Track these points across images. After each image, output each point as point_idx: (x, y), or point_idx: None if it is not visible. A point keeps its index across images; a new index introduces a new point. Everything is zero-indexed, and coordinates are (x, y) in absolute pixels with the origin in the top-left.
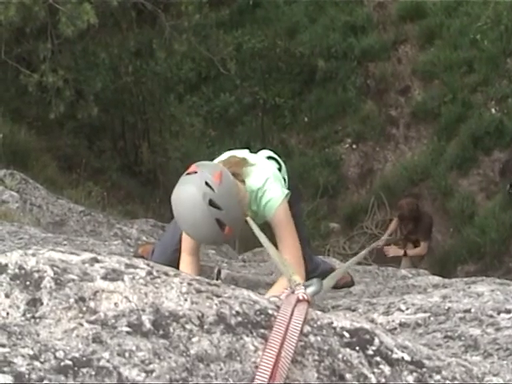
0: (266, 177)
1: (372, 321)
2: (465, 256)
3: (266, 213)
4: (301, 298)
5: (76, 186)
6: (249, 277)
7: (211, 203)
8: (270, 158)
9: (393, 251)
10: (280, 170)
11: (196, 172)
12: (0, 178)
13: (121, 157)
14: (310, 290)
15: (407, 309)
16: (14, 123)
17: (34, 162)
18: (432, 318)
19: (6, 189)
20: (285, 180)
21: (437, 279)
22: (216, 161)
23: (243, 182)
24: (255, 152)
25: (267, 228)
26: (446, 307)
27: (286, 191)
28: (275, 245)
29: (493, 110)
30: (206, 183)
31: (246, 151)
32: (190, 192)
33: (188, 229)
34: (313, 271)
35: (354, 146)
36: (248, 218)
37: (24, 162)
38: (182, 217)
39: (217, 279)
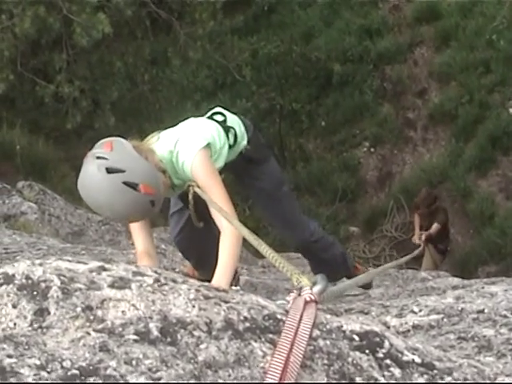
0: (175, 139)
1: (385, 323)
2: (485, 257)
3: (187, 176)
4: (308, 299)
5: None
6: (268, 282)
7: (109, 171)
8: (215, 114)
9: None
10: (225, 121)
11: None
12: (18, 189)
13: None
14: (317, 288)
15: (420, 311)
16: (32, 134)
17: (52, 172)
18: (445, 320)
19: (24, 200)
20: (234, 130)
21: (456, 281)
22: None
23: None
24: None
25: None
26: (460, 308)
27: (203, 142)
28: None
29: (510, 110)
30: (97, 157)
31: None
32: (86, 173)
33: (107, 209)
34: (310, 240)
35: (372, 150)
36: (196, 188)
37: (42, 173)
38: (93, 200)
39: (235, 285)
